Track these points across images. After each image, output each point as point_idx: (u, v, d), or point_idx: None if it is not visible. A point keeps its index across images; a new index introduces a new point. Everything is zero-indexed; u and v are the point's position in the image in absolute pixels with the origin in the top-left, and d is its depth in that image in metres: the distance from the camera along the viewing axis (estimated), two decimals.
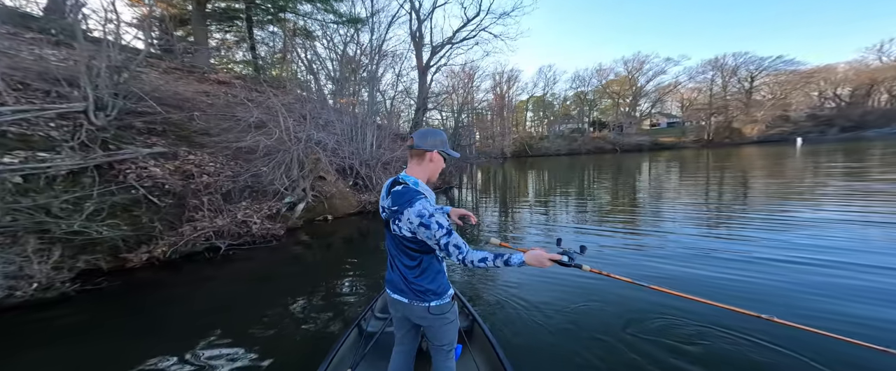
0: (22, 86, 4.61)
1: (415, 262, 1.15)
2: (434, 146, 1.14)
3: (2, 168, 3.14)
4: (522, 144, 40.55)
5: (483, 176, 18.07)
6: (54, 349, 2.19)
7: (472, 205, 8.78)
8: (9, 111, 3.90)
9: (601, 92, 45.25)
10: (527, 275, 3.22)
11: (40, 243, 2.81)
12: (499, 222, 6.38)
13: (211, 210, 4.54)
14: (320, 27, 11.61)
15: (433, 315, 1.18)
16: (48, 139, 4.07)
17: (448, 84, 21.64)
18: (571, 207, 7.51)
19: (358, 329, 1.92)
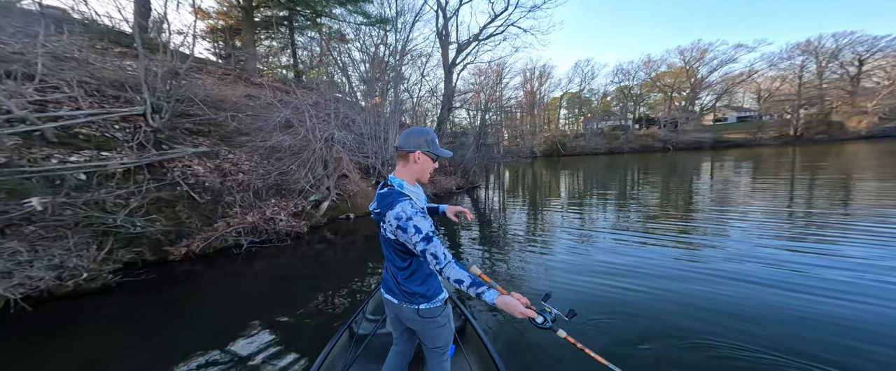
0: (97, 92, 5.24)
1: (405, 263, 1.13)
2: (418, 146, 1.08)
3: (69, 166, 3.56)
4: (554, 143, 38.35)
5: (511, 175, 17.40)
6: (97, 336, 2.36)
7: (499, 205, 8.39)
8: (83, 114, 4.44)
9: (649, 86, 40.70)
10: (520, 279, 3.19)
11: (94, 236, 3.09)
12: (527, 225, 5.92)
13: (243, 207, 4.77)
14: (353, 31, 11.97)
15: (422, 318, 1.16)
16: (112, 140, 4.57)
17: (475, 82, 21.13)
18: (609, 210, 6.75)
19: (349, 331, 1.87)
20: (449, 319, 1.24)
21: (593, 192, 9.54)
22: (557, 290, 2.89)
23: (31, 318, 2.39)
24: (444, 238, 5.09)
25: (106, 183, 3.76)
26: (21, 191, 2.78)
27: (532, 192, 10.67)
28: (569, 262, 3.73)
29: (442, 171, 10.52)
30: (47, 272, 2.48)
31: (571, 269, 3.46)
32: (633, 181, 11.56)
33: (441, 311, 1.18)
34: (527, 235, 5.18)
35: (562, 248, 4.28)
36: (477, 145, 11.62)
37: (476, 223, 6.29)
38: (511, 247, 4.55)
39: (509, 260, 3.97)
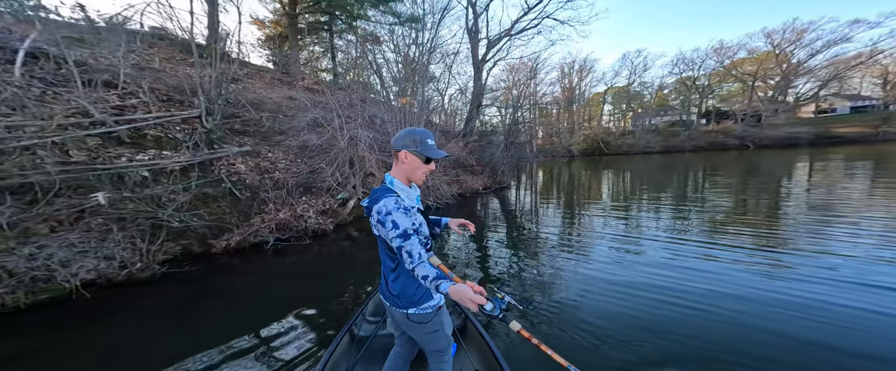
0: (167, 97, 5.95)
1: (393, 264, 1.13)
2: (404, 146, 1.08)
3: (135, 163, 4.06)
4: (595, 141, 35.46)
5: (544, 175, 16.47)
6: (141, 322, 2.58)
7: (530, 207, 7.95)
8: (152, 117, 5.06)
9: (722, 75, 34.98)
10: (550, 285, 3.05)
11: (147, 229, 3.46)
12: (561, 228, 5.48)
13: (276, 204, 5.05)
14: (387, 32, 12.16)
15: (413, 323, 1.16)
16: (173, 140, 5.14)
17: (506, 78, 20.17)
18: (663, 215, 5.94)
19: (349, 334, 1.88)
20: (443, 325, 1.22)
21: (643, 195, 8.49)
22: (592, 301, 2.65)
23: (89, 304, 2.68)
24: (467, 242, 4.90)
25: (161, 179, 4.21)
26: (89, 186, 3.20)
27: (568, 193, 9.92)
28: (609, 270, 3.35)
29: (469, 170, 10.26)
30: (105, 262, 2.80)
31: (612, 279, 3.09)
32: (696, 183, 10.04)
33: (432, 318, 1.16)
34: (561, 239, 4.76)
35: (601, 255, 3.86)
36: (507, 144, 11.14)
37: (504, 225, 5.98)
38: (542, 251, 4.23)
39: (539, 265, 3.68)
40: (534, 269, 3.57)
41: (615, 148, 34.36)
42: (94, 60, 5.35)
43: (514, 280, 3.29)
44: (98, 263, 2.73)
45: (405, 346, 1.37)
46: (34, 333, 2.29)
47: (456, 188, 8.34)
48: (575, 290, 2.87)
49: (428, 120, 10.90)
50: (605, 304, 2.61)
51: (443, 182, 7.77)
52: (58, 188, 2.95)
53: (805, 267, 3.12)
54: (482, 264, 3.88)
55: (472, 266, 3.87)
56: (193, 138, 5.22)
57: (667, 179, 11.31)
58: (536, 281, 3.23)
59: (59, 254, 2.51)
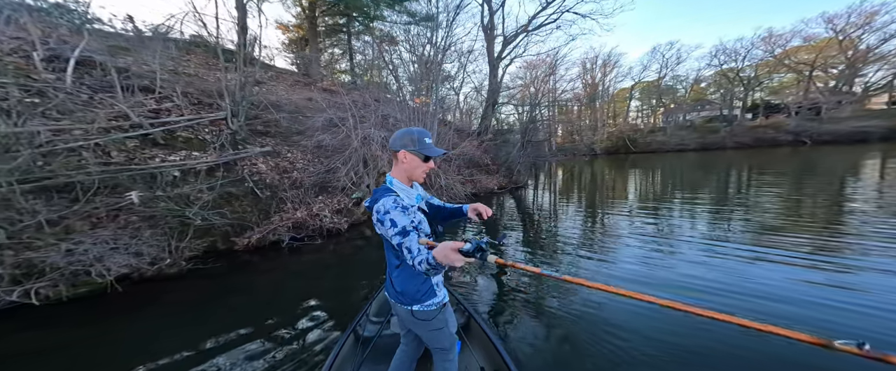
0: (198, 101, 6.32)
1: (397, 261, 1.16)
2: (403, 146, 1.11)
3: (167, 164, 4.34)
4: (621, 139, 33.75)
5: (564, 174, 15.91)
6: (169, 317, 2.72)
7: (549, 207, 7.71)
8: (183, 120, 5.39)
9: (772, 65, 31.48)
10: (569, 288, 2.91)
11: (176, 227, 3.67)
12: (582, 229, 5.25)
13: (294, 203, 5.21)
14: (403, 32, 12.22)
15: (417, 320, 1.18)
16: (202, 141, 5.45)
17: (524, 76, 19.54)
18: (700, 216, 5.51)
19: (354, 335, 1.90)
20: (447, 323, 1.24)
21: (674, 195, 7.93)
22: (614, 306, 2.52)
23: (122, 298, 2.86)
24: (480, 236, 4.82)
25: (188, 179, 4.46)
26: (124, 185, 3.45)
27: (590, 192, 9.50)
28: (636, 273, 3.17)
29: (484, 169, 10.10)
30: (137, 258, 3.00)
31: (639, 282, 2.93)
32: (739, 182, 9.20)
33: (436, 315, 1.18)
34: (581, 240, 4.56)
35: (627, 257, 3.65)
36: (523, 142, 10.83)
37: (520, 225, 5.83)
38: (560, 252, 4.09)
39: (558, 265, 3.57)
40: (552, 270, 3.42)
41: (643, 146, 32.35)
42: (138, 67, 5.79)
43: (531, 281, 3.19)
44: (131, 259, 2.93)
45: (411, 344, 1.39)
46: (74, 325, 2.47)
47: (470, 188, 8.24)
48: (596, 294, 2.75)
49: (442, 119, 10.86)
50: (628, 310, 2.45)
51: (456, 181, 7.70)
52: (97, 187, 3.20)
53: (873, 270, 2.76)
54: None
55: (486, 266, 3.80)
56: (220, 139, 5.51)
57: (703, 179, 10.46)
58: (554, 283, 3.10)
59: (96, 250, 2.72)
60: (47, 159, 3.24)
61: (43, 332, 2.33)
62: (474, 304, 2.60)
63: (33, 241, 2.46)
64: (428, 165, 1.14)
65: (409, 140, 1.11)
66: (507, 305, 2.67)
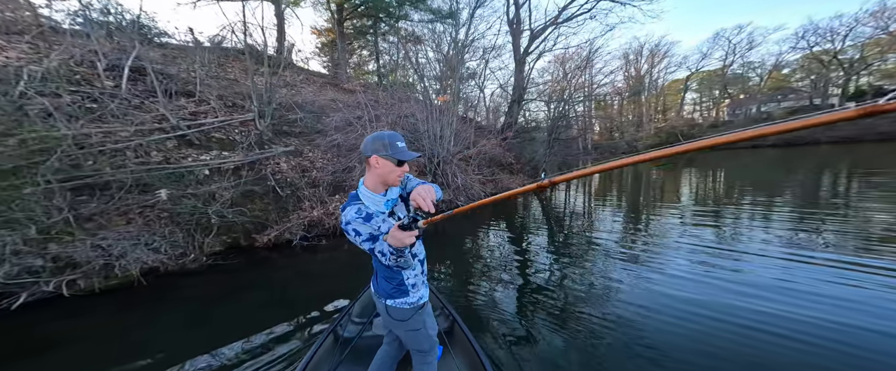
0: (231, 103, 6.86)
1: (375, 259, 1.18)
2: (374, 151, 1.10)
3: (199, 163, 4.73)
4: (672, 134, 30.46)
5: (601, 175, 14.75)
6: (186, 311, 2.87)
7: (581, 209, 7.18)
8: (217, 121, 5.87)
9: (887, 43, 26.12)
10: (603, 299, 2.74)
11: (199, 224, 3.95)
12: (621, 234, 4.77)
13: (311, 202, 5.39)
14: (429, 31, 12.20)
15: (392, 318, 1.21)
16: (232, 141, 5.88)
17: (554, 71, 18.24)
18: (777, 222, 4.72)
19: (333, 335, 1.87)
20: (425, 325, 1.24)
21: (745, 198, 6.87)
22: (656, 321, 2.26)
23: (147, 291, 3.05)
24: (502, 244, 4.54)
25: (213, 178, 4.81)
26: (155, 184, 3.79)
27: (632, 194, 8.69)
28: (682, 287, 2.76)
29: (507, 168, 9.68)
30: (162, 253, 3.25)
31: (690, 298, 2.55)
32: (835, 184, 7.78)
33: (411, 315, 1.19)
34: (618, 247, 4.12)
35: (674, 269, 3.19)
36: (550, 140, 10.16)
37: (544, 228, 5.47)
38: (592, 258, 3.74)
39: (588, 273, 3.26)
40: (582, 277, 3.16)
41: None
42: (186, 74, 6.44)
43: (555, 288, 2.95)
44: (156, 255, 3.17)
45: (393, 345, 1.40)
46: (105, 315, 2.67)
47: (490, 187, 7.93)
48: (633, 306, 2.48)
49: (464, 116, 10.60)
50: (674, 326, 2.16)
51: (475, 181, 7.44)
52: (129, 185, 3.56)
53: None
54: (521, 269, 3.58)
55: (509, 269, 3.60)
56: (248, 139, 5.90)
57: (785, 180, 8.94)
58: (584, 291, 2.85)
59: (125, 245, 2.97)
60: (96, 158, 3.69)
61: (73, 321, 2.55)
62: (459, 308, 2.55)
63: (63, 235, 2.77)
64: (402, 170, 1.13)
65: (380, 145, 1.10)
66: (492, 311, 2.64)
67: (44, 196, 2.76)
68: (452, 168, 6.86)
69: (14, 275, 2.36)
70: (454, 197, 6.77)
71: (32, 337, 2.36)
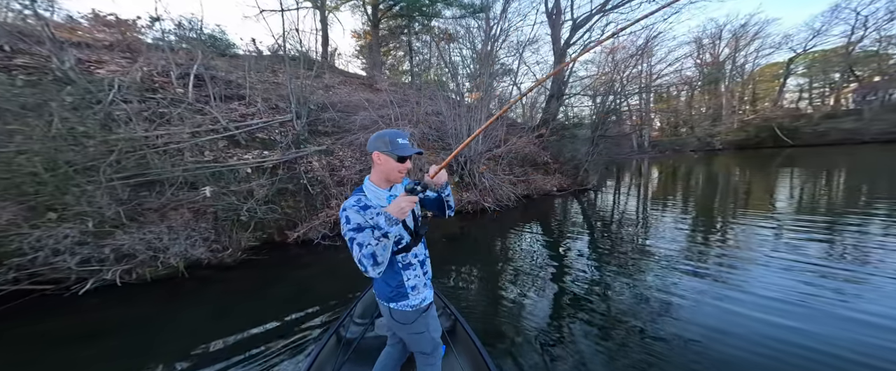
0: (275, 106, 7.63)
1: None
2: (376, 148, 1.18)
3: (242, 162, 5.33)
4: (765, 128, 25.79)
5: (662, 175, 13.13)
6: (218, 303, 3.12)
7: (634, 212, 6.52)
8: (261, 122, 6.57)
9: None
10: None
11: (236, 220, 4.43)
12: (685, 243, 4.25)
13: (339, 200, 5.71)
14: (463, 28, 12.07)
15: (396, 321, 1.23)
16: (273, 141, 6.52)
17: (602, 61, 16.49)
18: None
19: (336, 336, 1.91)
20: (429, 327, 1.27)
21: (873, 206, 5.63)
22: (735, 350, 1.95)
23: (188, 282, 3.38)
24: (534, 245, 4.33)
25: (251, 177, 5.36)
26: (199, 181, 4.36)
27: (705, 198, 7.57)
28: (779, 309, 2.35)
29: (541, 169, 9.12)
30: (204, 247, 3.69)
31: (782, 324, 2.16)
32: None
33: (414, 318, 1.22)
34: (683, 258, 3.63)
35: (766, 286, 2.75)
36: (595, 138, 9.25)
37: (585, 234, 5.07)
38: (646, 268, 3.41)
39: (639, 284, 2.98)
40: (628, 287, 2.88)
41: (811, 136, 24.00)
42: (243, 80, 7.35)
43: (593, 296, 2.74)
44: (199, 249, 3.60)
45: (397, 346, 1.43)
46: (150, 304, 2.98)
47: (522, 188, 7.54)
48: (696, 326, 2.20)
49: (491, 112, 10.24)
50: (753, 354, 1.86)
51: (505, 181, 7.15)
52: (180, 182, 4.14)
53: None
54: (552, 274, 3.38)
55: (538, 273, 3.42)
56: (286, 139, 6.49)
57: None
58: (629, 301, 2.65)
59: (174, 238, 3.44)
60: (160, 158, 4.39)
61: (125, 308, 2.89)
62: (462, 308, 2.57)
63: (122, 228, 3.31)
64: (404, 166, 1.19)
65: (382, 142, 1.16)
66: (496, 311, 2.62)
67: (108, 192, 3.32)
68: (479, 167, 6.68)
69: (84, 262, 2.86)
70: (480, 198, 6.58)
71: (93, 320, 2.71)
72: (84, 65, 5.73)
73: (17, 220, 2.72)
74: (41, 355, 2.26)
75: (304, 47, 8.46)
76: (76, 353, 2.29)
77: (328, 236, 4.87)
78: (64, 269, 2.77)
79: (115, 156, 3.50)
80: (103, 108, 4.52)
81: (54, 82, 4.60)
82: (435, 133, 6.60)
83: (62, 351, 2.32)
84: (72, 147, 3.23)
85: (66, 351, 2.32)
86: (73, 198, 2.94)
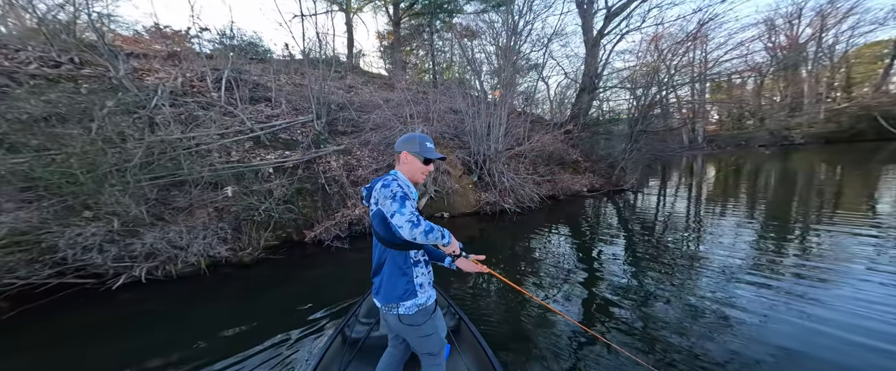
0: (298, 107, 8.06)
1: (383, 256, 1.26)
2: (405, 148, 1.28)
3: (265, 162, 5.69)
4: (862, 118, 21.99)
5: (719, 173, 11.71)
6: (233, 301, 3.28)
7: (685, 219, 5.82)
8: (284, 123, 6.97)
9: None
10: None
11: (265, 218, 4.68)
12: (749, 249, 3.89)
13: (354, 200, 5.84)
14: (486, 25, 11.79)
15: (405, 325, 1.25)
16: (295, 142, 6.89)
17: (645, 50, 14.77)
18: None
19: (342, 336, 1.95)
20: (437, 329, 1.30)
21: None
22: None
23: (207, 280, 3.58)
24: (560, 245, 4.11)
25: (269, 178, 5.67)
26: (222, 181, 4.70)
27: (778, 200, 6.71)
28: (884, 332, 2.05)
29: (570, 167, 8.55)
30: (224, 245, 3.92)
31: (886, 349, 1.87)
32: None
33: (424, 321, 1.25)
34: (750, 267, 3.31)
35: (860, 302, 2.45)
36: (634, 133, 8.39)
37: (622, 237, 4.74)
38: (698, 277, 3.16)
39: (690, 294, 2.76)
40: (678, 298, 2.66)
41: None
42: (272, 83, 7.91)
43: (630, 307, 2.53)
44: (219, 247, 3.79)
45: (398, 347, 1.45)
46: (176, 298, 3.18)
47: (547, 188, 7.14)
48: (763, 345, 1.95)
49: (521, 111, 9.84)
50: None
51: (528, 181, 6.82)
52: (204, 182, 4.50)
53: None
54: (586, 279, 3.24)
55: (568, 276, 3.25)
56: (307, 139, 6.81)
57: None
58: (681, 315, 2.39)
59: (192, 236, 3.74)
60: (191, 159, 4.83)
61: (152, 302, 3.08)
62: (465, 307, 2.58)
63: (150, 226, 3.64)
64: (427, 168, 1.30)
65: (412, 143, 1.27)
66: (499, 310, 2.63)
67: (136, 192, 3.67)
68: (499, 167, 6.44)
69: (117, 259, 3.15)
70: (499, 198, 6.34)
71: (122, 313, 2.91)
72: (137, 73, 6.52)
73: (54, 219, 3.03)
74: (63, 347, 2.45)
75: (330, 49, 8.99)
76: (101, 344, 2.47)
77: (340, 238, 4.97)
78: (98, 265, 3.08)
79: (140, 156, 3.82)
80: (147, 112, 5.10)
81: (111, 90, 5.29)
82: (451, 131, 6.48)
83: (86, 342, 2.52)
84: (109, 149, 3.61)
85: (90, 341, 2.51)
86: (109, 197, 3.25)
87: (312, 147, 6.52)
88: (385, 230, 1.19)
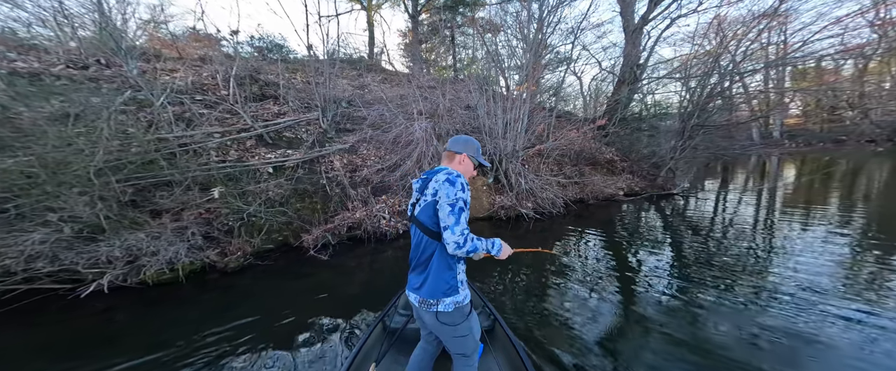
0: (307, 105, 8.22)
1: (431, 249, 1.30)
2: (464, 150, 1.42)
3: (262, 161, 5.76)
4: None
5: (803, 176, 10.23)
6: (219, 309, 3.17)
7: (753, 226, 5.20)
8: (288, 121, 7.10)
9: None
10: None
11: (250, 222, 4.66)
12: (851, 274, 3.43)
13: (356, 202, 5.71)
14: (512, 18, 11.43)
15: (442, 324, 1.31)
16: (299, 140, 6.97)
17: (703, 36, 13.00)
18: None
19: (382, 325, 2.13)
20: (472, 330, 1.36)
21: None
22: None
23: (191, 287, 3.47)
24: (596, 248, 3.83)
25: (275, 175, 5.69)
26: (212, 181, 4.75)
27: (886, 209, 5.87)
28: None
29: (604, 167, 7.81)
30: (211, 250, 3.81)
31: None
32: None
33: (461, 321, 1.30)
34: (838, 285, 3.07)
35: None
36: (687, 129, 7.43)
37: (668, 244, 4.45)
38: (768, 296, 2.96)
39: (761, 314, 2.60)
40: (737, 316, 2.58)
41: None
42: (284, 80, 8.18)
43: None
44: (198, 252, 3.67)
45: (432, 343, 1.54)
46: (140, 306, 3.14)
47: (574, 191, 6.53)
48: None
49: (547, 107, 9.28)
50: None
51: (552, 181, 6.28)
52: (188, 183, 4.54)
53: None
54: (621, 291, 3.11)
55: (601, 283, 3.15)
56: (312, 137, 6.87)
57: None
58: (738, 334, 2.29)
59: (167, 241, 3.68)
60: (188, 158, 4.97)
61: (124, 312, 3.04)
62: (501, 306, 2.64)
63: (130, 230, 3.61)
64: (474, 172, 1.46)
65: (472, 148, 1.44)
66: (536, 311, 2.66)
67: (120, 193, 3.71)
68: (517, 167, 5.99)
69: (89, 264, 3.12)
70: (516, 202, 5.88)
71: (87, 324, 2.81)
72: (158, 72, 6.96)
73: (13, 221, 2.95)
74: None
75: (351, 48, 9.22)
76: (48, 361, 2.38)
77: (336, 244, 4.79)
78: (53, 274, 2.98)
79: (100, 157, 3.54)
80: (155, 109, 5.38)
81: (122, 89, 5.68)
82: (463, 128, 6.17)
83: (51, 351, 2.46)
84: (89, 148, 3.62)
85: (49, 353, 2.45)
86: (72, 199, 3.10)
87: (316, 145, 6.53)
88: (437, 224, 1.21)
